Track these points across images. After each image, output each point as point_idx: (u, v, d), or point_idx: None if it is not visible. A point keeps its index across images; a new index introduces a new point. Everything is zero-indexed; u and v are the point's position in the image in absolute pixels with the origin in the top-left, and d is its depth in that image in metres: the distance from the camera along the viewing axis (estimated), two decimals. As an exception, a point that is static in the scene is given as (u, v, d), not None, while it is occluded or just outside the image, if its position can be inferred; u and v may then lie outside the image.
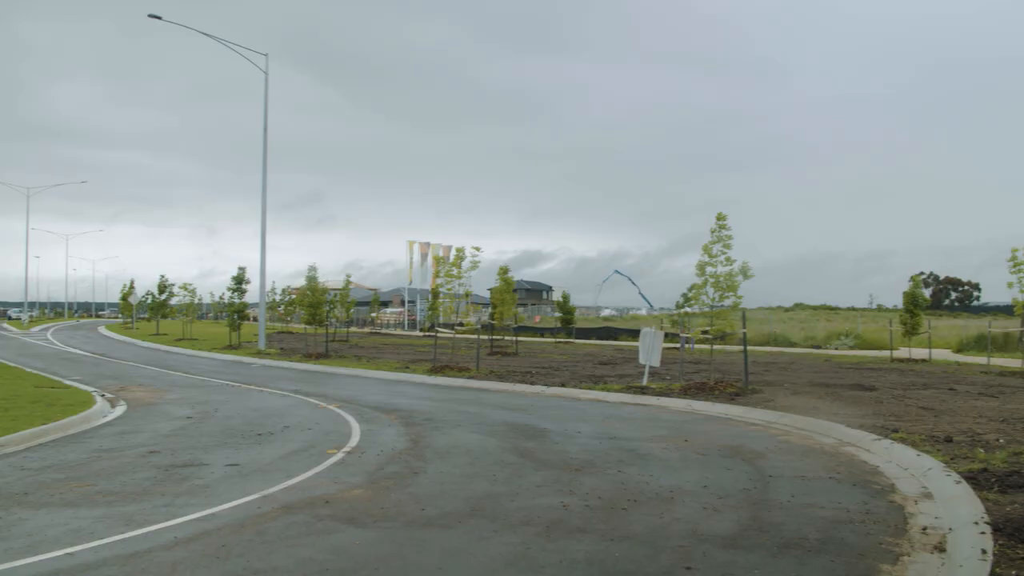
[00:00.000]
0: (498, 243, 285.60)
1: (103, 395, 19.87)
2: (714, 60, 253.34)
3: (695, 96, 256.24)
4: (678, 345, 32.44)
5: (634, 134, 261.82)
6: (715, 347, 23.44)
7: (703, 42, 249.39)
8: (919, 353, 34.44)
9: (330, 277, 50.18)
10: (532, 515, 8.38)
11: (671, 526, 7.98)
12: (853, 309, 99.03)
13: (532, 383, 22.77)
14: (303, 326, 45.90)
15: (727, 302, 20.24)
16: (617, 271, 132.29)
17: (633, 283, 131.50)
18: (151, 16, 36.72)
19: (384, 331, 74.52)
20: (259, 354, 36.88)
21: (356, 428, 14.68)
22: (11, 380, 22.54)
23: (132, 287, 75.74)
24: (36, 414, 15.30)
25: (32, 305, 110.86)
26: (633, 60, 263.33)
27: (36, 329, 72.14)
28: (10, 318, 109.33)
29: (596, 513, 8.48)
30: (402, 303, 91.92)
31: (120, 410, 17.42)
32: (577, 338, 54.60)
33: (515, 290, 41.95)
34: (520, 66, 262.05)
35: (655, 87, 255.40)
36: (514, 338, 43.97)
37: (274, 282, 63.60)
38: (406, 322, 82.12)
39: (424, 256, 77.23)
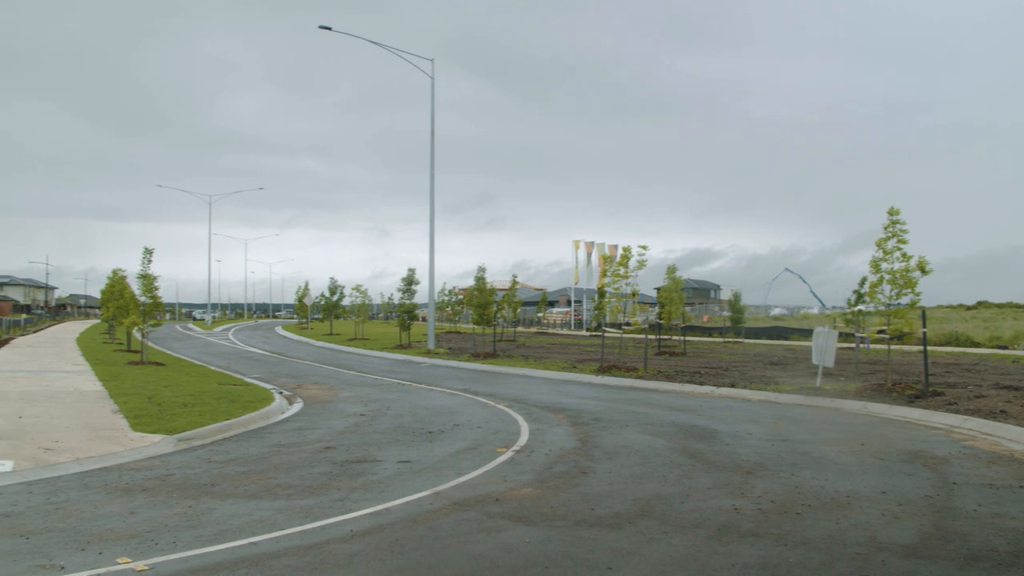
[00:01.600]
0: (667, 241, 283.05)
1: (281, 392, 20.65)
2: (888, 48, 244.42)
3: (870, 86, 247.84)
4: (852, 345, 31.45)
5: (808, 127, 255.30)
6: (892, 347, 22.56)
7: (874, 30, 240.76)
8: (1117, 354, 32.30)
9: (498, 277, 50.75)
10: (703, 517, 8.26)
11: (847, 532, 7.72)
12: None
13: (701, 383, 22.46)
14: (471, 326, 46.55)
15: (904, 300, 19.44)
16: (787, 269, 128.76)
17: (804, 281, 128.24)
18: (321, 27, 37.94)
19: (550, 331, 74.87)
20: (428, 353, 37.55)
21: (524, 427, 14.79)
22: (197, 378, 23.67)
23: (307, 289, 78.36)
24: (220, 410, 16.01)
25: (214, 307, 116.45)
26: (804, 51, 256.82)
27: (218, 329, 75.59)
28: (195, 319, 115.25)
29: (769, 517, 8.29)
30: (568, 303, 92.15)
31: (297, 407, 18.06)
32: (746, 338, 53.58)
33: (682, 289, 41.44)
34: (686, 61, 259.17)
35: (828, 78, 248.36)
36: (682, 338, 43.50)
37: (444, 283, 64.81)
38: (572, 322, 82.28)
39: (590, 255, 77.24)
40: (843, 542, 7.40)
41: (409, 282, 43.87)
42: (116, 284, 34.03)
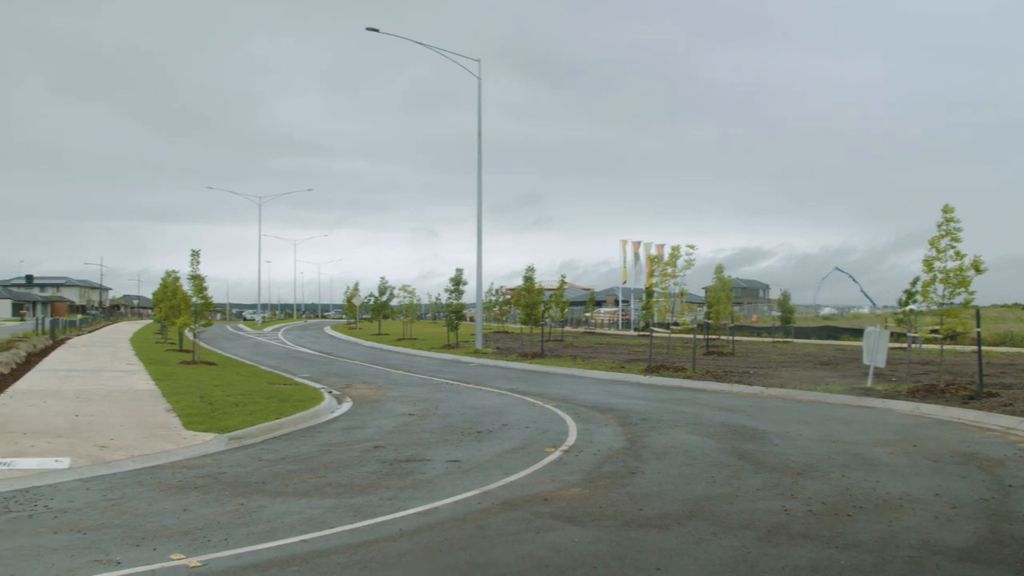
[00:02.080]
0: (716, 241, 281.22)
1: (330, 392, 20.80)
2: (944, 44, 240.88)
3: (926, 82, 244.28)
4: (904, 345, 31.06)
5: (860, 124, 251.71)
6: (945, 347, 22.22)
7: (930, 25, 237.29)
8: None
9: (545, 277, 50.76)
10: (752, 518, 8.21)
11: (900, 535, 7.63)
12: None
13: (750, 384, 22.30)
14: (519, 326, 46.48)
15: (957, 299, 19.11)
16: (837, 268, 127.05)
17: (854, 280, 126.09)
18: (368, 29, 38.22)
19: (598, 331, 74.69)
20: (476, 353, 37.62)
21: (572, 427, 14.77)
22: (247, 377, 23.92)
23: (356, 289, 78.85)
24: (270, 409, 16.17)
25: (264, 307, 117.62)
26: (856, 47, 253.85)
27: (268, 329, 76.40)
28: (245, 319, 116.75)
29: (819, 519, 8.22)
30: (616, 303, 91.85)
31: (346, 406, 18.18)
32: (796, 337, 53.05)
33: (731, 289, 41.12)
34: (735, 58, 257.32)
35: (883, 74, 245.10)
36: (730, 337, 43.17)
37: (492, 283, 64.86)
38: (620, 321, 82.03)
39: (637, 255, 76.91)
40: (896, 545, 7.32)
41: (457, 282, 43.98)
42: (169, 285, 34.47)
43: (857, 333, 47.38)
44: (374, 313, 69.45)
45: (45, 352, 32.56)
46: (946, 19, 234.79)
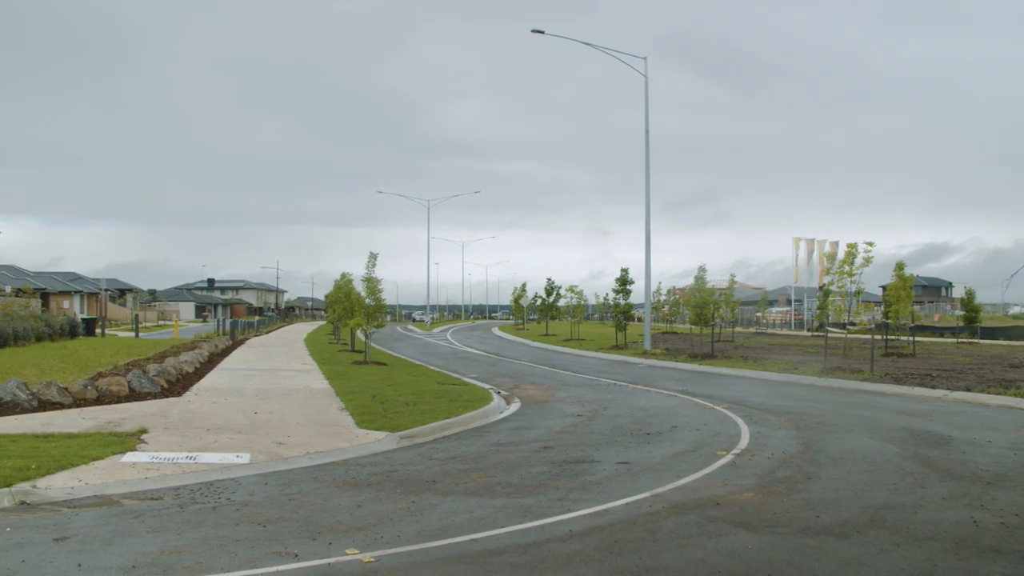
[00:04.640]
0: (898, 236, 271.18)
1: (498, 392, 20.96)
2: None
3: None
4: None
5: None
6: None
7: None
8: None
9: (716, 276, 49.88)
10: (938, 529, 7.80)
11: (1105, 550, 7.11)
12: None
13: (932, 387, 21.28)
14: (688, 326, 45.81)
15: None
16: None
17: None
18: (534, 31, 38.46)
19: (769, 331, 72.95)
20: (644, 354, 37.29)
21: (744, 430, 14.42)
22: (417, 377, 24.38)
23: (523, 290, 79.53)
24: (440, 409, 16.41)
25: (432, 308, 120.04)
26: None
27: (437, 330, 77.87)
28: (414, 320, 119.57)
29: (1013, 532, 7.73)
30: (788, 302, 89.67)
31: (514, 407, 18.28)
32: (982, 338, 50.53)
33: (911, 287, 39.47)
34: (921, 44, 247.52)
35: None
36: (910, 338, 41.47)
37: (659, 283, 64.09)
38: (792, 321, 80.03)
39: (811, 253, 74.79)
40: (1100, 561, 6.82)
41: (623, 282, 43.58)
42: (342, 287, 35.41)
43: (1050, 334, 44.80)
44: (541, 314, 69.87)
45: (225, 352, 33.99)
46: None
